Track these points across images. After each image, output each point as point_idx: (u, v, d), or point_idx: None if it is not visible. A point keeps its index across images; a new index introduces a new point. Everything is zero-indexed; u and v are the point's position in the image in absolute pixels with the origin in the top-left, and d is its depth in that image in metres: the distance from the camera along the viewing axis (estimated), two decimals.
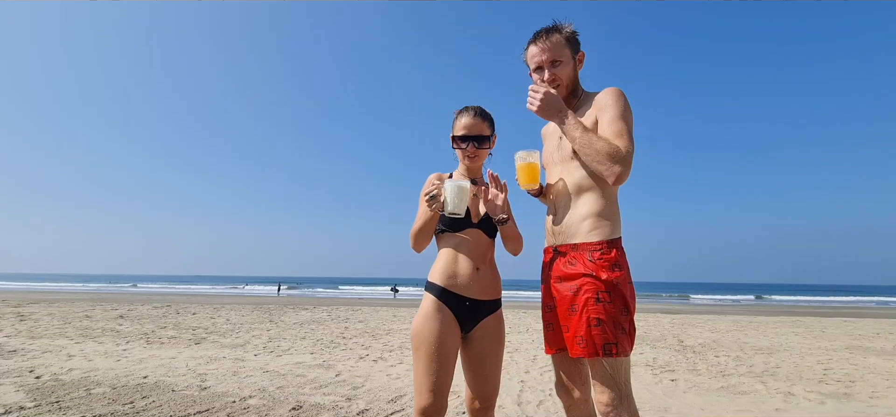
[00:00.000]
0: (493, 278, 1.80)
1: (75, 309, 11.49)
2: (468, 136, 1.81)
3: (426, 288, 1.77)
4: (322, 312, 12.63)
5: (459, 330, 1.71)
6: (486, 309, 1.76)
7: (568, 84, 1.71)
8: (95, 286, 44.12)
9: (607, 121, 1.58)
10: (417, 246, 1.79)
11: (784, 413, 3.59)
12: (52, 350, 5.67)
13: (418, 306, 1.77)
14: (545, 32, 1.70)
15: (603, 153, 1.52)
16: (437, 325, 1.65)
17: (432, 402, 1.59)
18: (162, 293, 29.45)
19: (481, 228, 1.79)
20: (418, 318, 1.70)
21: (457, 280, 1.72)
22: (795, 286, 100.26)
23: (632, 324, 1.55)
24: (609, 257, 1.55)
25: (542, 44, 1.69)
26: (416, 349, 1.66)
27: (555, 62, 1.69)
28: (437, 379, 1.61)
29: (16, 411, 3.21)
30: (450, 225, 1.77)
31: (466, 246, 1.76)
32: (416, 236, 1.77)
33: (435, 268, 1.78)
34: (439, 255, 1.80)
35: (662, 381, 4.61)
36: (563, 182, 1.70)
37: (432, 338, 1.63)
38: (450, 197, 1.63)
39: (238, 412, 3.32)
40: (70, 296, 20.22)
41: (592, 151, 1.54)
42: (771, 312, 17.57)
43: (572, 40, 1.71)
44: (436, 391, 1.60)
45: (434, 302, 1.70)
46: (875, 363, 5.81)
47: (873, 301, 36.09)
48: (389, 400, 3.70)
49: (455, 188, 1.62)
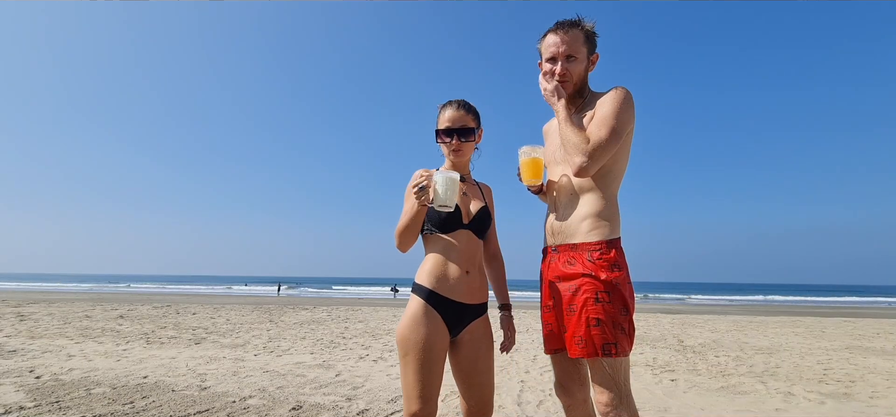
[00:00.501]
0: (481, 281, 1.76)
1: (75, 309, 11.49)
2: (452, 129, 1.74)
3: (413, 290, 1.69)
4: (322, 312, 12.63)
5: (448, 334, 1.65)
6: (474, 312, 1.71)
7: (577, 82, 1.70)
8: (89, 286, 44.06)
9: (598, 116, 1.58)
10: (403, 245, 1.68)
11: (784, 413, 3.59)
12: (52, 350, 5.67)
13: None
14: (567, 24, 1.66)
15: (570, 143, 1.56)
16: (426, 330, 1.58)
17: (421, 408, 1.54)
18: (162, 293, 29.45)
19: (472, 229, 1.73)
20: (405, 322, 1.62)
21: (446, 283, 1.65)
22: (795, 286, 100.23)
23: (631, 324, 1.55)
24: (608, 257, 1.55)
25: (562, 35, 1.65)
26: (404, 354, 1.59)
27: (570, 57, 1.66)
28: (427, 385, 1.56)
29: (16, 411, 3.21)
30: (439, 225, 1.69)
31: (456, 249, 1.69)
32: (402, 233, 1.66)
33: (422, 270, 1.69)
34: (427, 256, 1.72)
35: (662, 381, 4.61)
36: (563, 181, 1.70)
37: (421, 343, 1.57)
38: (440, 188, 1.54)
39: (238, 412, 3.32)
40: (70, 296, 20.23)
41: (564, 140, 1.58)
42: (771, 312, 17.57)
43: (591, 39, 1.70)
44: (426, 396, 1.55)
45: (422, 305, 1.63)
46: (875, 363, 5.81)
47: (873, 301, 36.09)
48: (389, 400, 3.70)
49: (445, 179, 1.54)
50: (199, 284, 58.56)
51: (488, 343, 1.74)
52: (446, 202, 1.55)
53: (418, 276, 1.69)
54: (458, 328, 1.68)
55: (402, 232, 1.66)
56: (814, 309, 20.70)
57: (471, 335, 1.69)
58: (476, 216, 1.75)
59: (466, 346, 1.69)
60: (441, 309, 1.63)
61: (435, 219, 1.68)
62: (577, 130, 1.56)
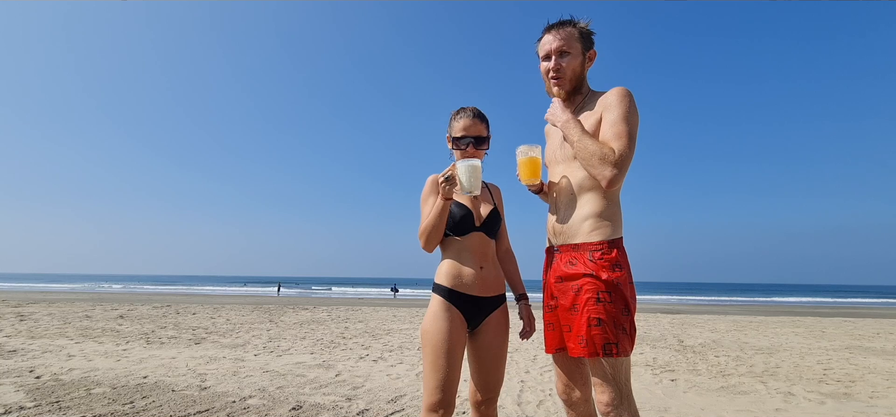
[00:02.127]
0: (496, 274, 1.86)
1: (75, 309, 11.48)
2: (468, 138, 1.85)
3: (434, 290, 1.81)
4: (322, 312, 12.62)
5: (466, 328, 1.76)
6: (492, 304, 1.81)
7: (573, 78, 1.71)
8: (89, 286, 44.03)
9: (610, 123, 1.57)
10: (429, 244, 1.78)
11: (784, 413, 3.59)
12: (52, 351, 5.66)
13: (418, 306, 1.79)
14: (560, 23, 1.71)
15: (596, 156, 1.53)
16: (446, 324, 1.69)
17: (440, 398, 1.63)
18: (162, 293, 29.43)
19: (484, 231, 1.84)
20: (427, 318, 1.74)
21: (462, 280, 1.76)
22: (795, 286, 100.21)
23: (632, 324, 1.54)
24: (610, 257, 1.55)
25: (555, 33, 1.70)
26: (425, 346, 1.71)
27: (563, 52, 1.69)
28: (445, 376, 1.64)
29: (16, 411, 3.20)
30: (454, 229, 1.80)
31: (470, 249, 1.81)
32: (430, 232, 1.75)
33: (441, 271, 1.81)
34: (444, 259, 1.83)
35: (662, 381, 4.61)
36: (564, 181, 1.69)
37: (440, 336, 1.68)
38: (464, 177, 1.64)
39: (238, 412, 3.32)
40: (70, 296, 20.21)
41: (586, 154, 1.55)
42: (771, 312, 17.57)
43: (585, 36, 1.71)
44: (444, 387, 1.64)
45: (442, 302, 1.74)
46: (875, 363, 5.81)
47: (873, 301, 36.09)
48: (389, 400, 3.70)
49: (468, 167, 1.64)
50: (204, 284, 58.56)
51: (503, 331, 1.83)
52: (471, 189, 1.65)
53: (437, 277, 1.81)
54: (477, 320, 1.79)
55: (430, 232, 1.75)
56: (814, 309, 20.71)
57: (488, 325, 1.80)
58: (487, 218, 1.86)
59: (483, 335, 1.80)
60: (459, 303, 1.74)
61: (449, 224, 1.80)
62: (595, 141, 1.55)
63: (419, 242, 1.80)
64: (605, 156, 1.50)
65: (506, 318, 1.86)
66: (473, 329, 1.80)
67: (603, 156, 1.51)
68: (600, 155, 1.51)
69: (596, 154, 1.52)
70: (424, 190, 1.88)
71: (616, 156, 1.50)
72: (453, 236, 1.82)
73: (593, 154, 1.53)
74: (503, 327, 1.83)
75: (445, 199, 1.68)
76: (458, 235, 1.81)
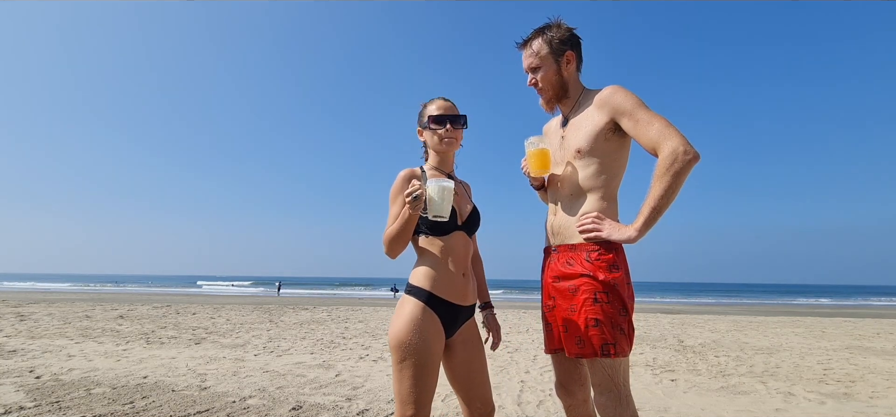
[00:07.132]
0: (473, 283, 1.76)
1: (75, 309, 11.49)
2: (444, 116, 1.69)
3: (409, 291, 1.61)
4: (322, 312, 12.63)
5: (444, 337, 1.60)
6: (466, 314, 1.70)
7: (551, 87, 1.71)
8: (89, 286, 44.03)
9: (644, 125, 1.49)
10: (393, 252, 1.59)
11: (784, 413, 3.59)
12: (52, 351, 5.67)
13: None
14: (527, 39, 1.73)
15: (672, 175, 1.41)
16: (425, 333, 1.52)
17: (416, 412, 1.49)
18: (162, 293, 29.43)
19: (465, 230, 1.70)
20: (403, 326, 1.53)
21: (443, 285, 1.60)
22: (795, 286, 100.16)
23: (630, 325, 1.54)
24: (607, 258, 1.54)
25: (524, 51, 1.74)
26: (402, 359, 1.51)
27: (535, 68, 1.71)
28: (425, 390, 1.50)
29: (16, 411, 3.21)
30: (433, 228, 1.62)
31: (452, 251, 1.64)
32: (393, 241, 1.57)
33: (419, 272, 1.62)
34: (424, 259, 1.64)
35: (662, 381, 4.61)
36: (563, 182, 1.69)
37: (421, 348, 1.50)
38: (436, 197, 1.47)
39: (238, 412, 3.32)
40: (70, 296, 20.23)
41: (674, 192, 1.43)
42: (771, 312, 17.56)
43: (553, 44, 1.68)
44: (422, 401, 1.50)
45: (421, 308, 1.55)
46: (875, 363, 5.80)
47: (873, 301, 36.08)
48: (389, 400, 3.70)
49: (439, 188, 1.47)
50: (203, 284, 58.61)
51: (479, 342, 1.73)
52: (441, 212, 1.49)
53: (414, 278, 1.62)
54: (452, 330, 1.65)
55: (394, 240, 1.57)
56: (814, 309, 20.70)
57: (462, 336, 1.68)
58: (469, 217, 1.73)
59: (459, 348, 1.67)
60: (440, 311, 1.58)
61: (429, 221, 1.60)
62: (660, 181, 1.43)
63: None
64: (676, 161, 1.40)
65: (477, 327, 1.75)
66: (448, 339, 1.63)
67: (678, 167, 1.40)
68: (676, 171, 1.40)
69: (673, 174, 1.40)
70: (394, 186, 1.67)
71: (679, 149, 1.40)
72: (432, 236, 1.64)
73: (675, 185, 1.41)
74: (478, 337, 1.73)
75: (413, 213, 1.50)
76: (438, 235, 1.64)
